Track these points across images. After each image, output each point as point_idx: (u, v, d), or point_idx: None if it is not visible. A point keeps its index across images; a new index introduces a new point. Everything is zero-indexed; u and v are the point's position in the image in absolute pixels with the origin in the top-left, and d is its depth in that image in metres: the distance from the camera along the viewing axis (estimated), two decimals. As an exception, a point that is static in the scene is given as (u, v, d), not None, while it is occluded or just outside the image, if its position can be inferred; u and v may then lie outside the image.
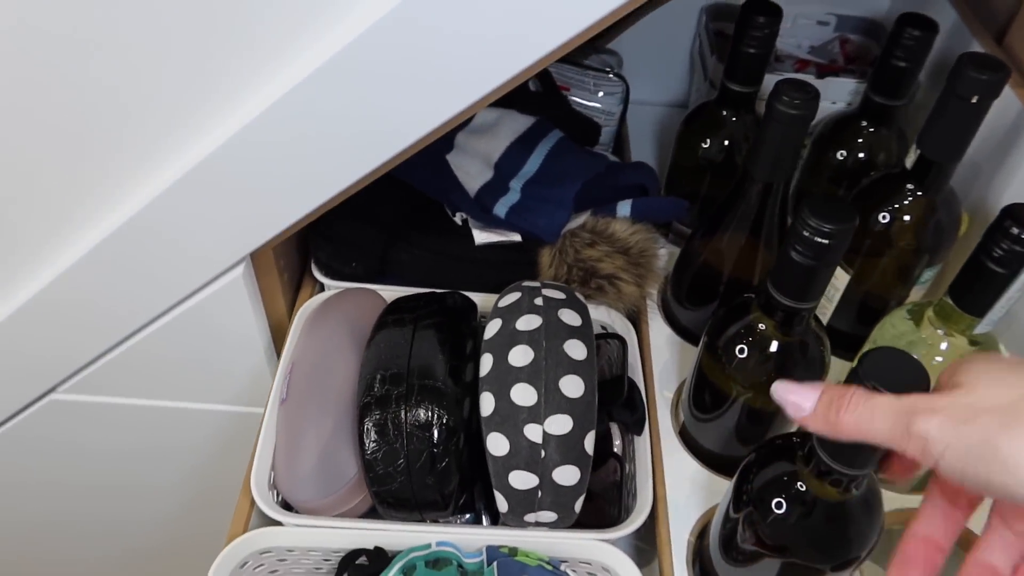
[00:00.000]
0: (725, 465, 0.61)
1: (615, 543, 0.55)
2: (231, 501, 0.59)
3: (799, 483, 0.45)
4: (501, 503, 0.54)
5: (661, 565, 0.56)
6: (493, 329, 0.57)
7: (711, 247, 0.65)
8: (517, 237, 0.70)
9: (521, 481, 0.52)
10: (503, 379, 0.53)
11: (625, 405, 0.61)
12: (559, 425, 0.52)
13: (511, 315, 0.57)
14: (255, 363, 0.72)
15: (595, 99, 0.84)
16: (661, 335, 0.72)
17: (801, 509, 0.45)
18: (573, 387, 0.53)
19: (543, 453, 0.52)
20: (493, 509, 0.56)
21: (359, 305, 0.65)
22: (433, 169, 0.73)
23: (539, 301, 0.58)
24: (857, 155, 0.71)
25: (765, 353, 0.54)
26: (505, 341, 0.55)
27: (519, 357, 0.54)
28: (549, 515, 0.54)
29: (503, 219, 0.70)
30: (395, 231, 0.70)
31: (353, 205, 0.60)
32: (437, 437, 0.53)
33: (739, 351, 0.54)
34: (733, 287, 0.65)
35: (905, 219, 0.60)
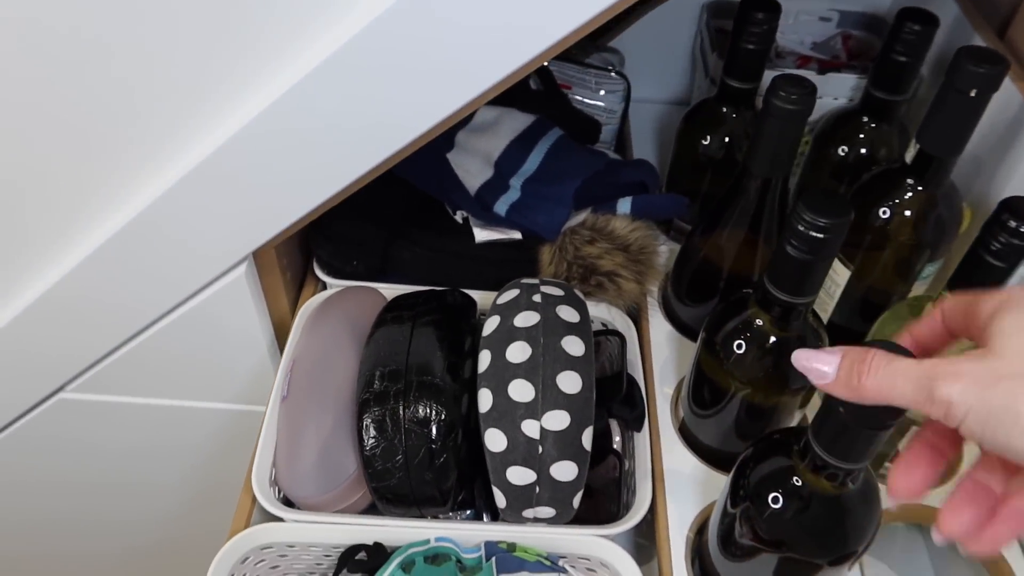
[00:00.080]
0: (724, 461, 0.60)
1: (614, 539, 0.55)
2: (233, 498, 0.59)
3: (795, 478, 0.45)
4: (499, 499, 0.54)
5: (660, 561, 0.56)
6: (491, 326, 0.57)
7: (711, 243, 0.65)
8: (517, 235, 0.70)
9: (519, 477, 0.52)
10: (501, 375, 0.53)
11: (624, 401, 0.61)
12: (556, 421, 0.52)
13: (509, 312, 0.57)
14: (258, 361, 0.73)
15: (597, 97, 0.85)
16: (661, 332, 0.72)
17: (798, 504, 0.45)
18: (570, 383, 0.53)
19: (540, 449, 0.52)
20: (493, 506, 0.56)
21: (360, 303, 0.66)
22: (434, 168, 0.73)
23: (537, 298, 0.58)
24: (859, 151, 0.71)
25: (763, 348, 0.53)
26: (503, 337, 0.55)
27: (517, 353, 0.54)
28: (547, 511, 0.54)
29: (503, 217, 0.70)
30: (396, 230, 0.71)
31: (354, 204, 0.60)
32: (435, 433, 0.54)
33: (737, 347, 0.54)
34: (733, 283, 0.65)
35: (905, 214, 0.60)
